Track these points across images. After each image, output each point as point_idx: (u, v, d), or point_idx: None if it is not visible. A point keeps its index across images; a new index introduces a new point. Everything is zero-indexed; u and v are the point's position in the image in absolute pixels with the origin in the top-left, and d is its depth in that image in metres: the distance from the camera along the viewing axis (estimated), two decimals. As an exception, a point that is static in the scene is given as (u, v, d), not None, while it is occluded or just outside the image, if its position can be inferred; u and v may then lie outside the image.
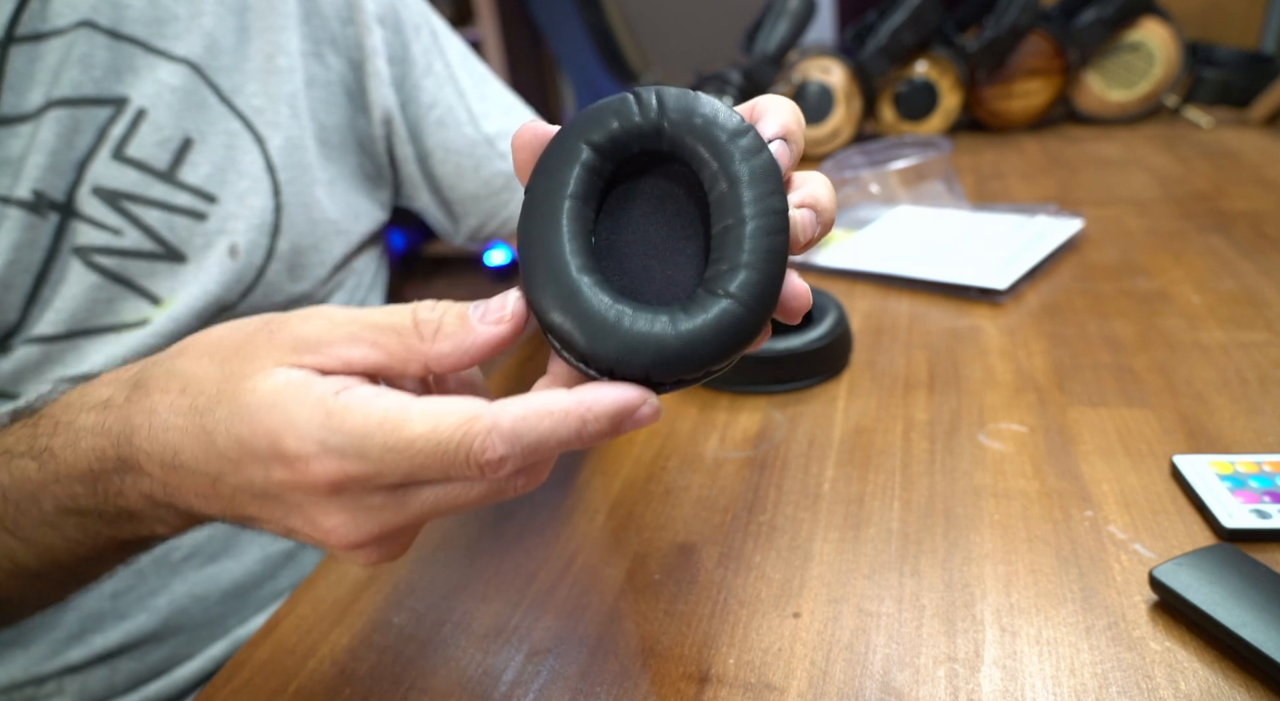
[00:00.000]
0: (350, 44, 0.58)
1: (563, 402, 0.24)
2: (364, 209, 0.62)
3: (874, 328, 0.62)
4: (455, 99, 0.65)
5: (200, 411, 0.26)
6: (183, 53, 0.50)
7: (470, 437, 0.23)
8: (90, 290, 0.48)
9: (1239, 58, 1.09)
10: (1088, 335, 0.57)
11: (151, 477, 0.28)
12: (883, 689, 0.33)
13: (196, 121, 0.50)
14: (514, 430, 0.23)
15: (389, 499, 0.25)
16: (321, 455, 0.24)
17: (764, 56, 1.07)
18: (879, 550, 0.40)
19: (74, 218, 0.47)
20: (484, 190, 0.67)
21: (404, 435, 0.23)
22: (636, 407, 0.24)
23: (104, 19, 0.47)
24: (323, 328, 0.26)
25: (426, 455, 0.23)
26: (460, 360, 0.26)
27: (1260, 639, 0.31)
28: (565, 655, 0.36)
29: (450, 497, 0.26)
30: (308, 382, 0.25)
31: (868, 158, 0.89)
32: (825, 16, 2.24)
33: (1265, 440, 0.44)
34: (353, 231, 0.60)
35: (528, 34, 2.69)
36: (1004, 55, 1.06)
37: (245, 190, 0.52)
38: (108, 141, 0.48)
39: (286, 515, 0.27)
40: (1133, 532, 0.39)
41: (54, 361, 0.48)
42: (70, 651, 0.50)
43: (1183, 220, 0.75)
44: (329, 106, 0.58)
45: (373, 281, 0.66)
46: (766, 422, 0.52)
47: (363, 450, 0.24)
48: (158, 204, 0.49)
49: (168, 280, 0.50)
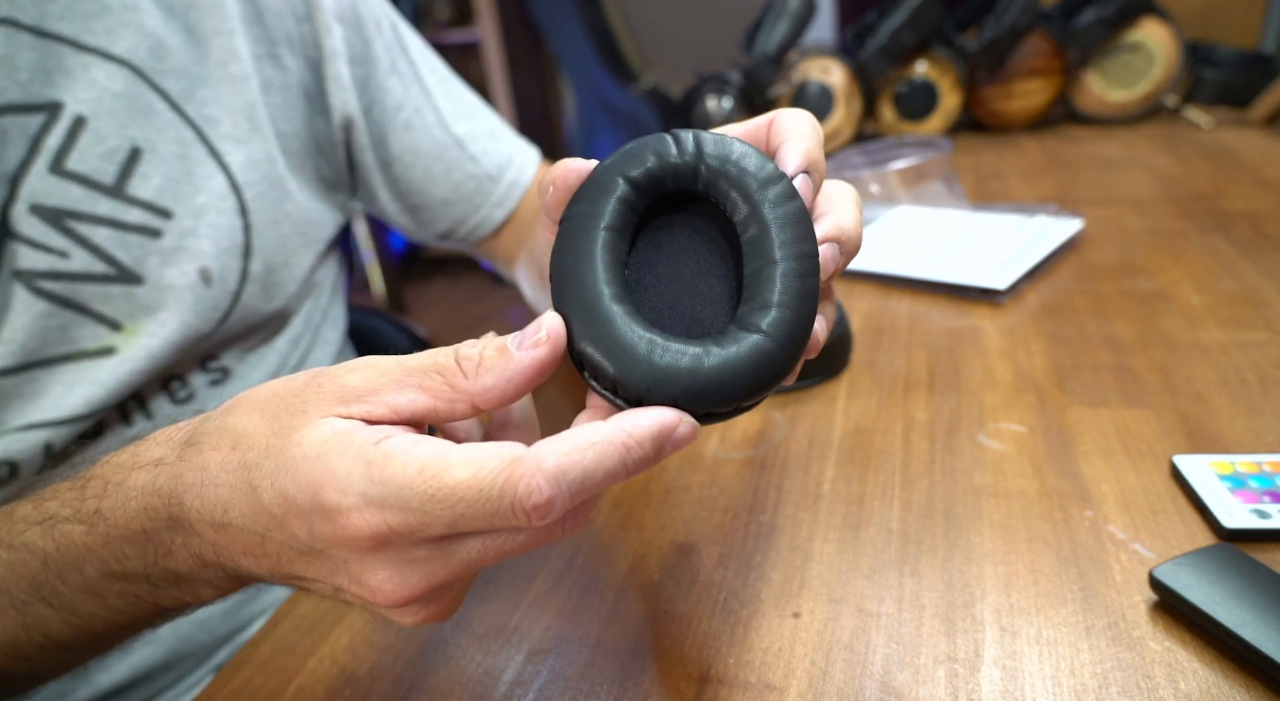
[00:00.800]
0: (308, 42, 0.55)
1: (603, 433, 0.23)
2: (326, 215, 0.59)
3: (874, 328, 0.62)
4: (422, 99, 0.62)
5: (249, 466, 0.26)
6: (121, 52, 0.46)
7: (514, 482, 0.22)
8: (39, 318, 0.44)
9: (1239, 58, 1.09)
10: (1088, 335, 0.57)
11: (201, 537, 0.28)
12: (883, 689, 0.33)
13: (144, 129, 0.47)
14: (558, 468, 0.23)
15: (434, 551, 0.25)
16: (363, 507, 0.24)
17: (764, 56, 1.07)
18: (879, 550, 0.40)
19: (10, 238, 0.43)
20: (454, 195, 0.64)
21: (445, 482, 0.23)
22: (674, 427, 0.24)
23: (26, 15, 0.43)
24: (369, 376, 0.26)
25: (469, 503, 0.23)
26: (505, 391, 0.26)
27: (1260, 639, 0.31)
28: (565, 655, 0.36)
29: (496, 546, 0.25)
30: (351, 433, 0.25)
31: (868, 158, 0.89)
32: (825, 16, 2.24)
33: (1265, 440, 0.44)
34: (319, 239, 0.58)
35: (528, 34, 2.69)
36: (1004, 55, 1.06)
37: (204, 206, 0.49)
38: (42, 153, 0.43)
39: (333, 573, 0.26)
40: (1133, 532, 0.39)
41: (11, 396, 0.44)
42: (78, 691, 0.48)
43: (1183, 220, 0.75)
44: (288, 111, 0.54)
45: (334, 287, 0.65)
46: (766, 422, 0.52)
47: (404, 500, 0.23)
48: (106, 221, 0.45)
49: (125, 303, 0.47)
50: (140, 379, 0.48)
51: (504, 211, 0.66)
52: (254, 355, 0.55)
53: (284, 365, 0.58)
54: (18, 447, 0.44)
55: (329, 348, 0.63)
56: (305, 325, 0.60)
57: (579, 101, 2.58)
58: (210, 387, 0.53)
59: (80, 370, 0.46)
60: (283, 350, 0.57)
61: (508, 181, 0.65)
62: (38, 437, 0.45)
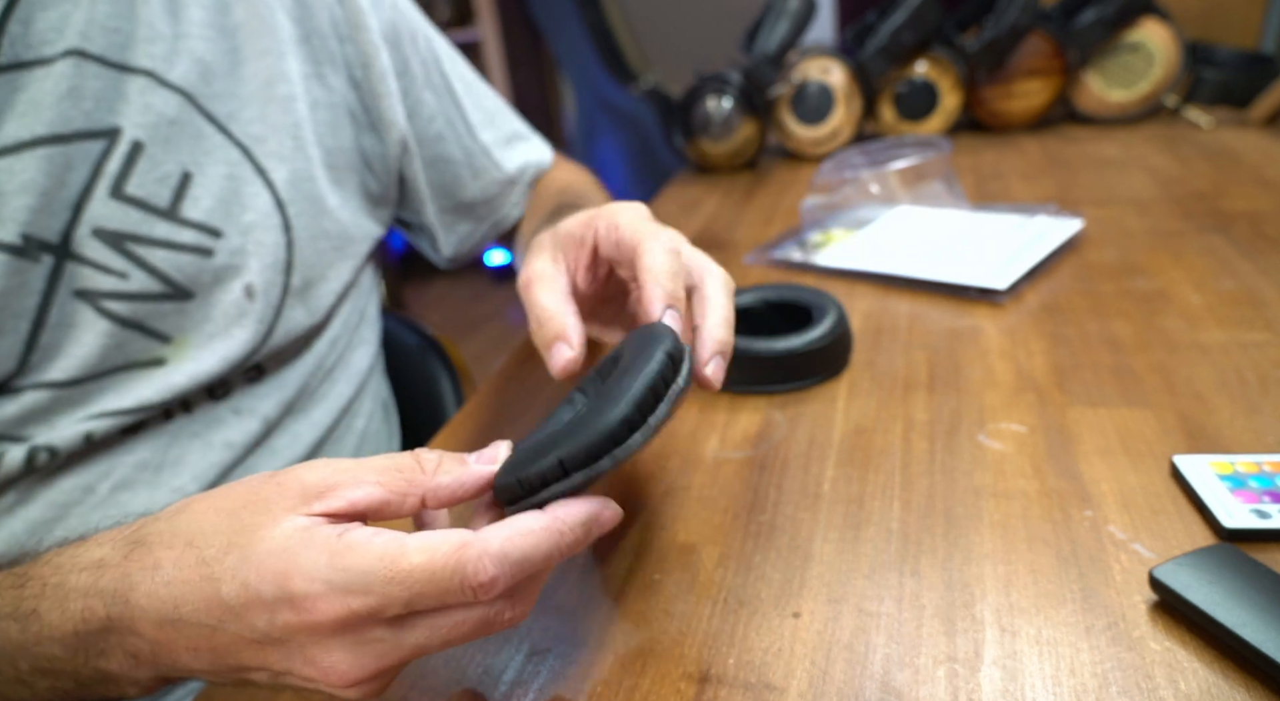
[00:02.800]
0: (351, 62, 0.57)
1: (540, 521, 0.28)
2: (367, 228, 0.61)
3: (874, 328, 0.62)
4: (454, 111, 0.65)
5: (208, 562, 0.27)
6: (175, 78, 0.47)
7: (463, 563, 0.26)
8: (101, 336, 0.46)
9: (1239, 58, 1.09)
10: (1088, 335, 0.57)
11: (140, 636, 0.29)
12: (883, 689, 0.33)
13: (193, 153, 0.48)
14: (502, 550, 0.26)
15: (387, 632, 0.27)
16: (328, 594, 0.26)
17: (764, 56, 1.07)
18: (879, 550, 0.40)
19: (72, 260, 0.45)
20: (480, 197, 0.68)
21: (402, 566, 0.26)
22: (600, 511, 0.29)
23: (95, 47, 0.44)
24: (326, 473, 0.29)
25: (424, 583, 0.26)
26: (455, 492, 0.30)
27: (1260, 639, 0.31)
28: (565, 655, 0.36)
29: (445, 629, 0.28)
30: (313, 528, 0.27)
31: (868, 158, 0.89)
32: (825, 16, 2.24)
33: (1265, 440, 0.44)
34: (357, 253, 0.59)
35: (528, 34, 2.69)
36: (1004, 55, 1.06)
37: (251, 224, 0.51)
38: (103, 178, 0.45)
39: (285, 657, 0.28)
40: (1133, 532, 0.39)
41: (64, 403, 0.46)
42: None
43: (1183, 220, 0.75)
44: (334, 129, 0.56)
45: (370, 290, 0.66)
46: (766, 422, 0.52)
47: (367, 584, 0.26)
48: (162, 243, 0.47)
49: (176, 319, 0.49)
50: (188, 389, 0.50)
51: (520, 210, 0.70)
52: (295, 358, 0.57)
53: (320, 367, 0.59)
54: (61, 435, 0.46)
55: (367, 349, 0.65)
56: (344, 327, 0.61)
57: (579, 101, 2.58)
58: (248, 385, 0.54)
59: (130, 379, 0.48)
60: (321, 351, 0.59)
61: (524, 183, 0.70)
62: (80, 428, 0.47)
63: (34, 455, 0.45)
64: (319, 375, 0.59)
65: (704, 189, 1.06)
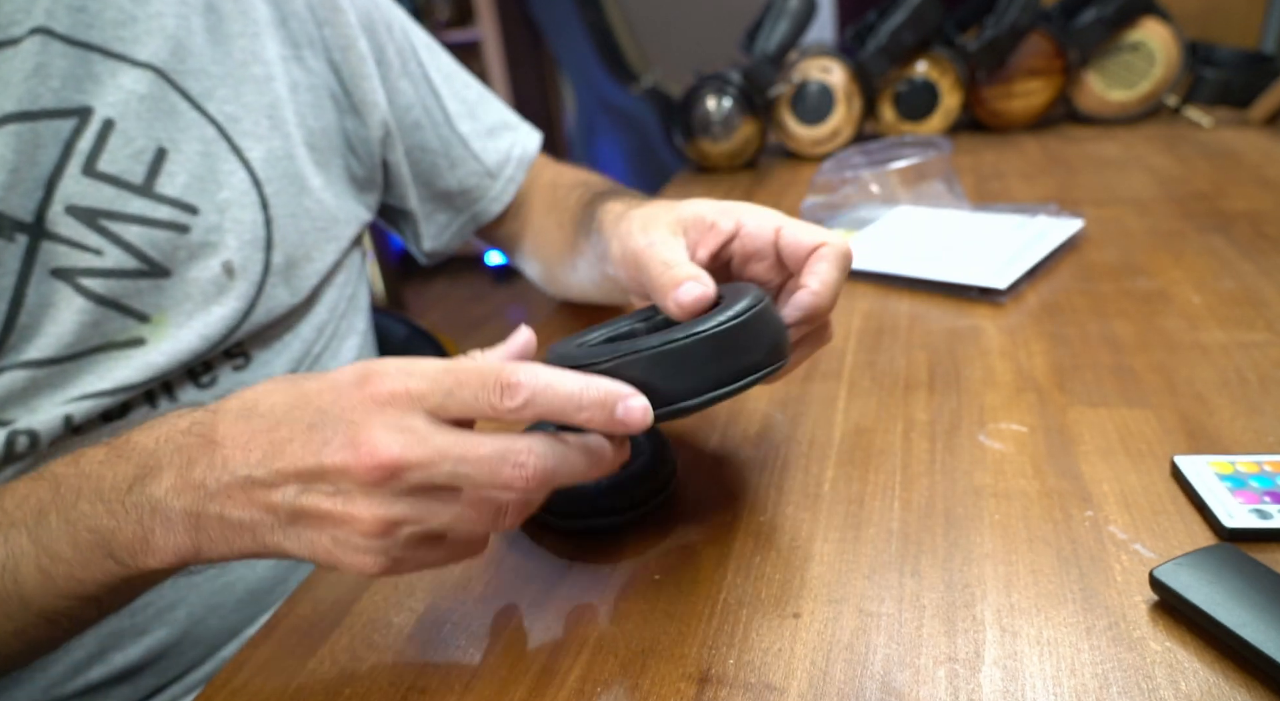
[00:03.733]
0: (330, 46, 0.57)
1: (572, 375, 0.32)
2: (351, 212, 0.61)
3: (874, 328, 0.62)
4: (431, 100, 0.65)
5: (298, 379, 0.34)
6: (145, 57, 0.48)
7: (501, 371, 0.31)
8: (80, 314, 0.46)
9: (1239, 58, 1.09)
10: (1088, 335, 0.57)
11: (208, 443, 0.33)
12: (883, 689, 0.33)
13: (168, 129, 0.48)
14: (533, 370, 0.32)
15: (419, 489, 0.31)
16: (394, 373, 0.32)
17: (764, 56, 1.07)
18: (879, 550, 0.40)
19: (47, 238, 0.45)
20: (457, 188, 0.67)
21: (457, 365, 0.32)
22: (627, 395, 0.32)
23: (60, 25, 0.45)
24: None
25: (469, 373, 0.31)
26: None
27: (1260, 639, 0.31)
28: (565, 655, 0.36)
29: (460, 508, 0.32)
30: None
31: (868, 158, 0.89)
32: (825, 16, 2.24)
33: (1265, 440, 0.44)
34: (342, 236, 0.59)
35: (528, 34, 2.69)
36: (1004, 55, 1.06)
37: (227, 201, 0.51)
38: (75, 156, 0.45)
39: (331, 438, 0.31)
40: (1133, 532, 0.39)
41: (43, 384, 0.46)
42: (91, 671, 0.49)
43: (1183, 220, 0.75)
44: (317, 111, 0.57)
45: (359, 276, 0.66)
46: (766, 422, 0.52)
47: (425, 371, 0.32)
48: (137, 219, 0.47)
49: (154, 296, 0.49)
50: (168, 369, 0.50)
51: (500, 205, 0.70)
52: (278, 343, 0.57)
53: (308, 353, 0.59)
54: (41, 419, 0.46)
55: (355, 338, 0.65)
56: (330, 313, 0.61)
57: (579, 101, 2.58)
58: (233, 373, 0.54)
59: (110, 359, 0.48)
60: (308, 337, 0.59)
61: (505, 178, 0.69)
62: (60, 411, 0.47)
63: (13, 439, 0.45)
64: (306, 363, 0.58)
65: (704, 189, 1.06)
